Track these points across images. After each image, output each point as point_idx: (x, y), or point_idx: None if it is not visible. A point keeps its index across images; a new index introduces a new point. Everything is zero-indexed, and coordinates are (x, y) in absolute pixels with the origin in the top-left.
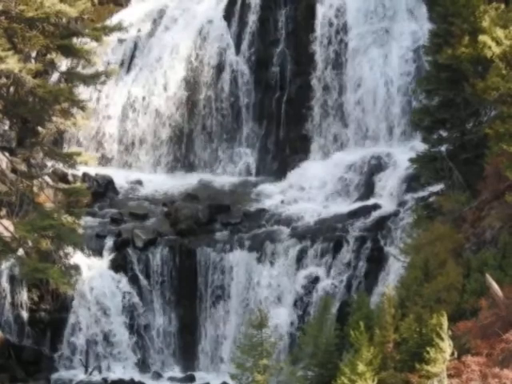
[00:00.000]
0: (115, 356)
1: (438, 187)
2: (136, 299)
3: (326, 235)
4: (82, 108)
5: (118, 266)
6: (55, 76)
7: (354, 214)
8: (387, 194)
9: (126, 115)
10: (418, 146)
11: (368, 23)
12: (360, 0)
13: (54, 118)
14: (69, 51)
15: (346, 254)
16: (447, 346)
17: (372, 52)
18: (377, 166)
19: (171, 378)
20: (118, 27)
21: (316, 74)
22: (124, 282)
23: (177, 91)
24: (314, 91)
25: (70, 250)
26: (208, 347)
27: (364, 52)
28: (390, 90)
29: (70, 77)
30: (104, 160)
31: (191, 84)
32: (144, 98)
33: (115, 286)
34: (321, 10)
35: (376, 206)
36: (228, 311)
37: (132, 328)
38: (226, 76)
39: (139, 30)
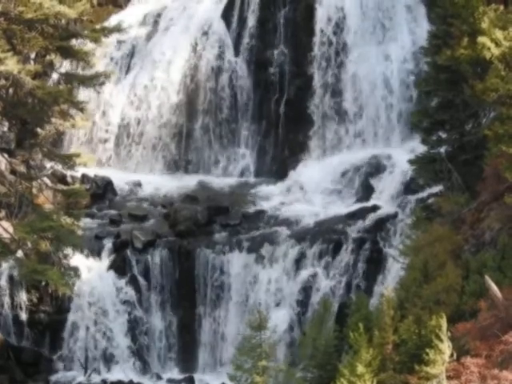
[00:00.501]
0: (114, 357)
1: (437, 188)
2: (135, 300)
3: (325, 237)
4: (81, 109)
5: (117, 267)
6: (54, 77)
7: (353, 216)
8: (386, 196)
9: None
10: (418, 147)
11: (367, 44)
12: (359, 19)
13: (53, 120)
14: (68, 53)
15: (345, 255)
16: (446, 347)
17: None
18: (376, 168)
19: (170, 380)
20: (117, 28)
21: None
22: (123, 283)
23: (176, 94)
24: (312, 92)
25: (69, 251)
26: (207, 348)
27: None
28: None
29: (69, 78)
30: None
31: (190, 86)
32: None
33: (114, 287)
34: (319, 25)
35: (375, 208)
36: (227, 312)
37: (131, 329)
38: (225, 77)
39: (135, 43)
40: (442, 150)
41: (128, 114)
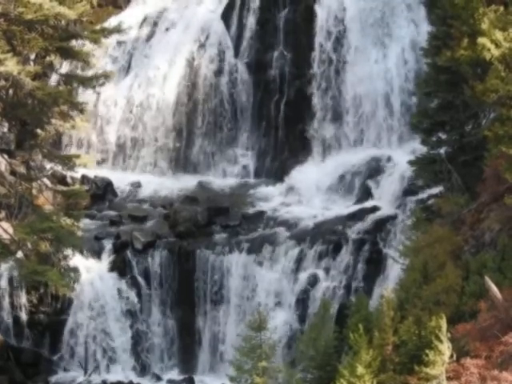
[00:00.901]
0: (114, 358)
1: (437, 189)
2: (135, 301)
3: (325, 237)
4: (81, 110)
5: (117, 268)
6: (54, 78)
7: (353, 217)
8: (386, 197)
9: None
10: (418, 148)
11: (368, 63)
12: (360, 34)
13: (53, 121)
14: (68, 53)
15: (345, 256)
16: (446, 348)
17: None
18: (376, 169)
19: (170, 381)
20: (117, 29)
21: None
22: (123, 284)
23: (176, 95)
24: (312, 94)
25: (68, 252)
26: (207, 349)
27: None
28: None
29: (69, 79)
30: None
31: (190, 87)
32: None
33: (114, 288)
34: (319, 40)
35: (375, 209)
36: (227, 313)
37: (131, 330)
38: (225, 78)
39: (133, 49)
40: (442, 150)
41: (127, 118)
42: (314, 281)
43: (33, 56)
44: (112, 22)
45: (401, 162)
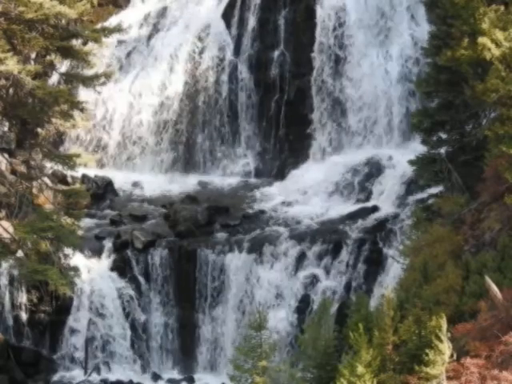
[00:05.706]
0: (114, 357)
1: (437, 189)
2: (135, 301)
3: (326, 237)
4: (82, 110)
5: (118, 267)
6: (55, 77)
7: (354, 216)
8: (386, 196)
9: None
10: (419, 148)
11: (369, 63)
12: (360, 33)
13: (54, 120)
14: (68, 53)
15: (345, 255)
16: (446, 348)
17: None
18: (376, 168)
19: (170, 380)
20: (118, 29)
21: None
22: (123, 283)
23: (176, 94)
24: (313, 93)
25: (69, 251)
26: (207, 349)
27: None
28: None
29: (70, 78)
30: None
31: (191, 86)
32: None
33: (114, 287)
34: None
35: (375, 208)
36: (227, 312)
37: (131, 329)
38: (226, 78)
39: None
40: (442, 150)
41: (127, 117)
42: (314, 280)
43: (33, 55)
44: (112, 21)
45: (401, 161)
